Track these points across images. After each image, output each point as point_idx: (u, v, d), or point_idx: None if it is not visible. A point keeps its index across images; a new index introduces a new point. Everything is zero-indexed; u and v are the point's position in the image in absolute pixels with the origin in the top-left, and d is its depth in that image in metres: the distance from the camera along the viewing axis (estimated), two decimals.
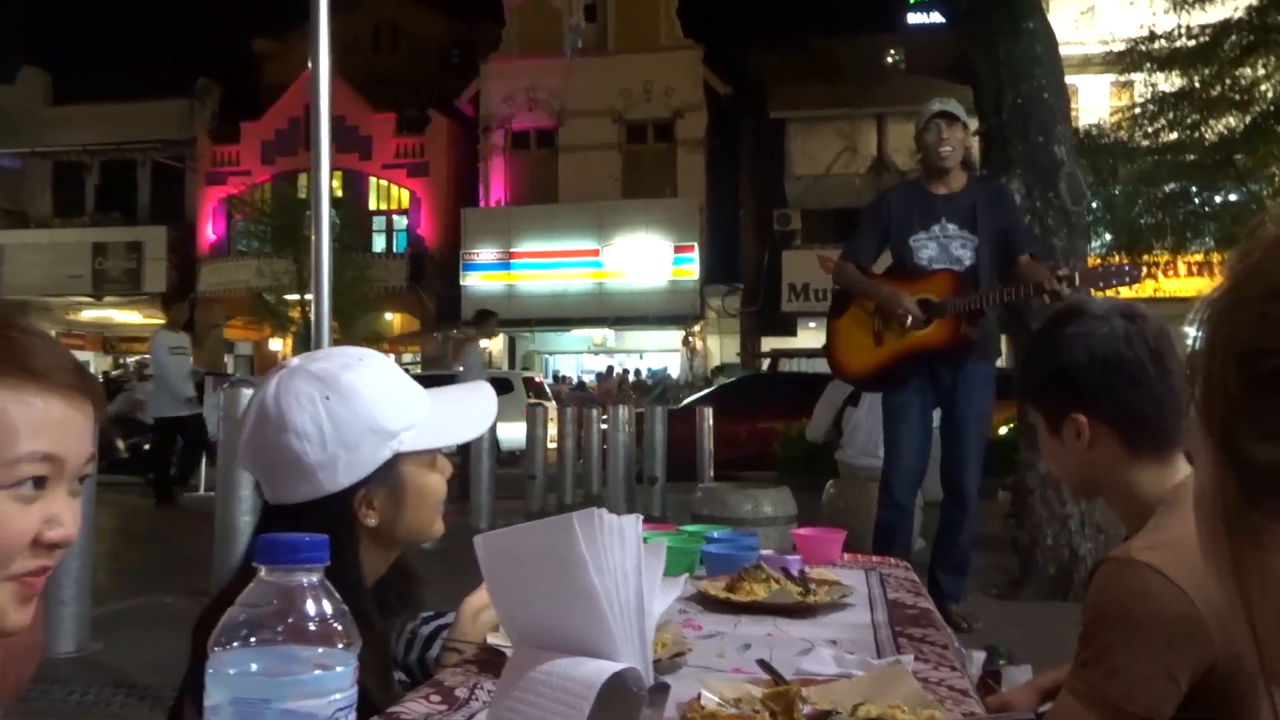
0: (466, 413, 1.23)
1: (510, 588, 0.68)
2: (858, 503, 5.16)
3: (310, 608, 0.51)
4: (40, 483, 0.74)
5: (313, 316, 2.39)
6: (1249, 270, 0.46)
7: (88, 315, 25.12)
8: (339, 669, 0.51)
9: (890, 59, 21.97)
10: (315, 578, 0.52)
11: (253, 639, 0.50)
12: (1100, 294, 3.27)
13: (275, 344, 24.41)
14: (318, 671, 0.50)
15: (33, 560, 0.74)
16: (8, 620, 0.74)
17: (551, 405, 8.23)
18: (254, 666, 0.50)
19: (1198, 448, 0.49)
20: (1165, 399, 1.24)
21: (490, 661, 1.27)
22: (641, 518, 0.74)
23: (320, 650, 0.50)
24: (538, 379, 17.81)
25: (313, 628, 0.51)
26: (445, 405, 1.21)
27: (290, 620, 0.50)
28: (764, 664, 1.25)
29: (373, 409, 1.10)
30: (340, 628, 0.51)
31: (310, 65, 2.54)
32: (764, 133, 21.75)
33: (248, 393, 4.71)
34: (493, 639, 1.30)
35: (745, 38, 22.38)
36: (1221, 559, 0.47)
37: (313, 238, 2.48)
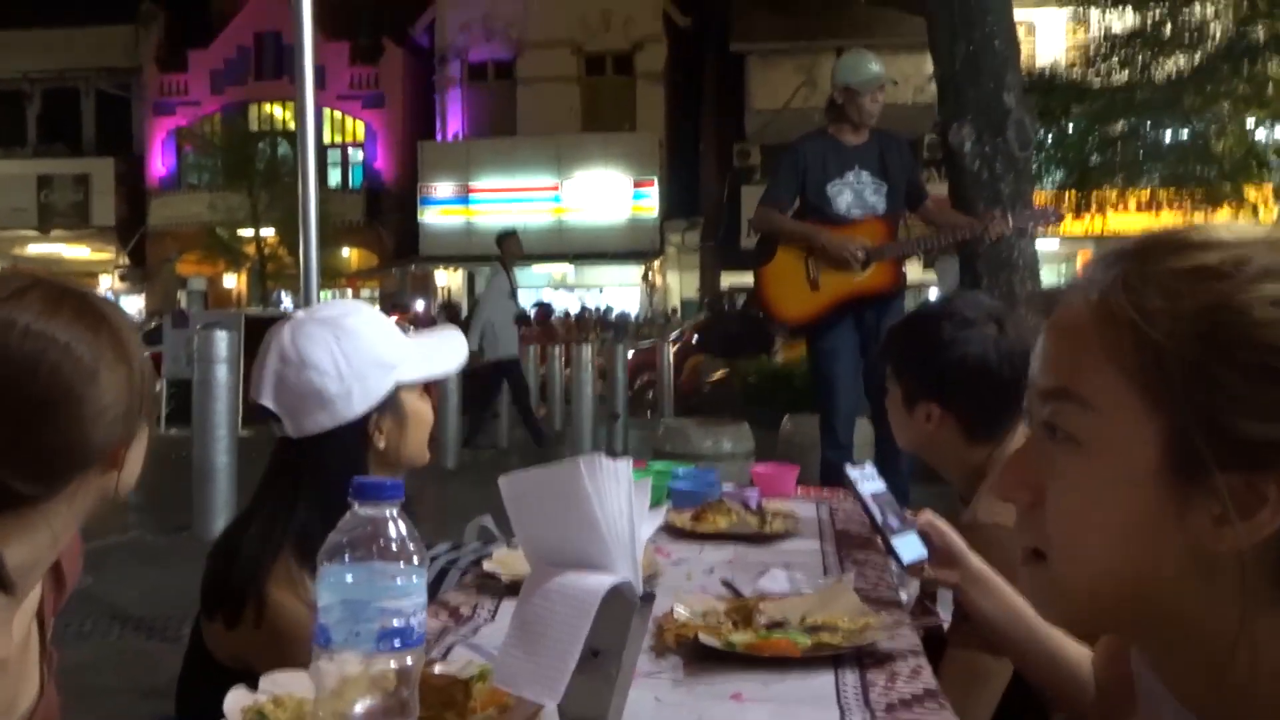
0: (445, 349, 1.41)
1: (529, 518, 0.85)
2: (812, 437, 5.38)
3: (392, 531, 0.68)
4: None
5: (300, 259, 2.45)
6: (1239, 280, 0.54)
7: (34, 250, 24.52)
8: (415, 579, 0.68)
9: None
10: (395, 510, 0.69)
11: (348, 556, 0.67)
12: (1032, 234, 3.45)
13: (230, 280, 24.07)
14: (400, 580, 0.67)
15: None
16: None
17: None
18: (350, 578, 0.67)
19: (1117, 414, 0.56)
20: (1014, 395, 1.40)
21: (488, 585, 1.44)
22: (632, 460, 0.91)
23: (401, 564, 0.68)
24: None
25: (394, 548, 0.68)
26: (424, 345, 1.40)
27: (380, 542, 0.67)
28: (726, 583, 1.44)
29: (374, 345, 1.29)
30: (413, 547, 0.69)
31: None
32: (724, 66, 21.59)
33: (221, 335, 4.81)
34: (488, 565, 1.47)
35: None
36: (1138, 511, 0.55)
37: (299, 181, 2.43)
